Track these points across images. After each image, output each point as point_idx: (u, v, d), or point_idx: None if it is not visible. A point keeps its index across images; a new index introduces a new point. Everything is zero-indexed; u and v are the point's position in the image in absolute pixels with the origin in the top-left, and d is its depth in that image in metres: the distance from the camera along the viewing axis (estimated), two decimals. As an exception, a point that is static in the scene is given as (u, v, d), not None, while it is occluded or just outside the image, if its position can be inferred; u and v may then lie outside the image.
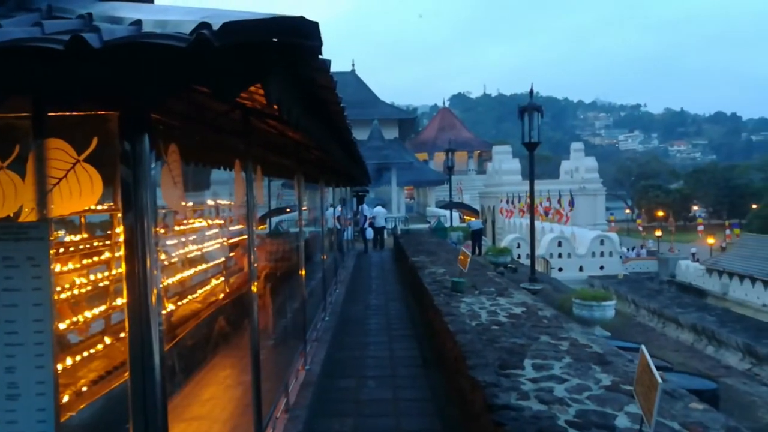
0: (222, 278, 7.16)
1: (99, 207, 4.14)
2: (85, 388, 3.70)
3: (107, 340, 4.40)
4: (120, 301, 4.54)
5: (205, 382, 5.21)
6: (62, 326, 3.92)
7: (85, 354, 4.05)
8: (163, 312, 5.03)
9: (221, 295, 6.80)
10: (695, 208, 71.36)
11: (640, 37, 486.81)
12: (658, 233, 50.03)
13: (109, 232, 4.98)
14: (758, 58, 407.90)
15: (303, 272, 6.26)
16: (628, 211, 76.64)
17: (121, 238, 1.87)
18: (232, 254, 7.62)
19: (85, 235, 4.69)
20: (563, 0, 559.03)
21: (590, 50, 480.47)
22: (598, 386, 3.65)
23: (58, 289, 3.95)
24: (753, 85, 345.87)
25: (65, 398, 3.41)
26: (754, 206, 56.90)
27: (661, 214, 65.54)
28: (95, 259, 4.74)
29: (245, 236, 3.80)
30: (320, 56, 1.61)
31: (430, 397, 5.52)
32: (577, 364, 4.10)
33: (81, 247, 4.52)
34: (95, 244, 4.76)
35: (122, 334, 1.97)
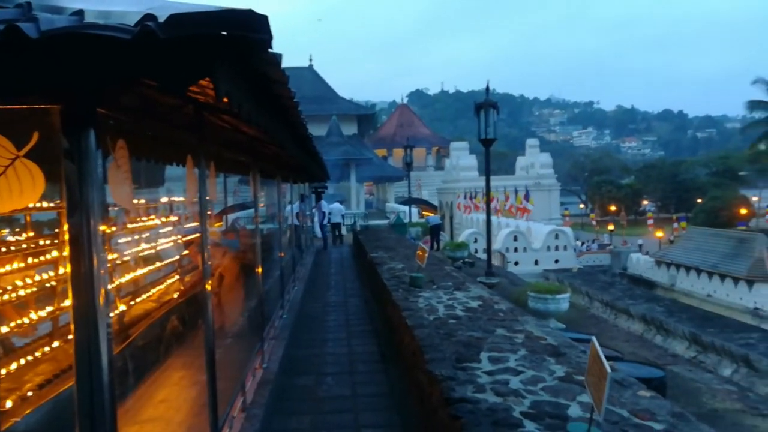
0: (176, 277, 7.01)
1: (45, 204, 4.00)
2: (30, 393, 3.57)
3: (55, 342, 4.26)
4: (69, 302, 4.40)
5: (160, 383, 5.10)
6: (4, 329, 3.76)
7: (31, 357, 3.91)
8: (115, 312, 4.90)
9: (175, 294, 6.66)
10: (645, 202, 73.68)
11: (592, 37, 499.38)
12: (611, 227, 51.52)
13: (57, 230, 4.81)
14: (702, 59, 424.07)
15: (260, 270, 6.18)
16: (582, 205, 78.63)
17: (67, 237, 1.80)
18: (186, 252, 7.47)
19: (31, 234, 4.51)
20: (512, 2, 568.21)
21: (545, 48, 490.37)
22: (552, 377, 3.73)
23: (0, 291, 3.79)
24: (697, 84, 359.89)
25: (8, 403, 3.28)
26: (699, 200, 59.13)
27: (613, 208, 67.41)
28: (42, 258, 4.57)
29: (199, 234, 3.73)
30: (270, 50, 1.59)
31: (388, 392, 5.54)
32: (532, 356, 4.18)
33: (26, 246, 4.35)
34: (42, 243, 4.59)
35: (70, 336, 1.91)
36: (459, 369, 3.87)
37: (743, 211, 54.37)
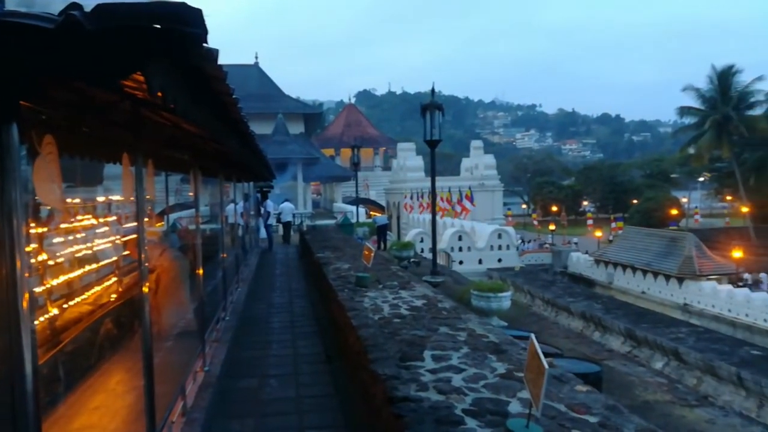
0: (113, 279, 6.76)
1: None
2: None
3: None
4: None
5: (94, 389, 4.90)
6: None
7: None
8: (45, 317, 4.68)
9: (112, 297, 6.42)
10: (585, 203, 76.19)
11: (536, 42, 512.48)
12: (552, 227, 53.05)
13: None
14: (638, 66, 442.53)
15: (201, 271, 6.04)
16: (524, 206, 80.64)
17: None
18: (124, 253, 7.22)
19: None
20: (463, 3, 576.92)
21: (490, 52, 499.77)
22: (494, 374, 3.79)
23: None
24: (633, 90, 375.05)
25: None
26: (634, 201, 61.65)
27: (554, 208, 69.47)
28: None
29: (136, 234, 3.60)
30: (206, 45, 1.54)
31: (333, 392, 5.51)
32: (474, 353, 4.24)
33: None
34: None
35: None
36: (402, 368, 3.89)
37: (674, 212, 57.13)
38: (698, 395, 10.49)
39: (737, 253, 30.68)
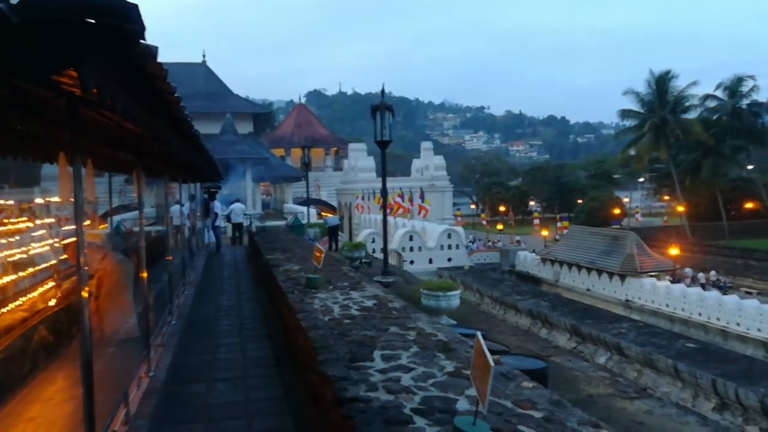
0: (51, 283, 6.49)
1: None
2: None
3: None
4: None
5: (30, 399, 4.69)
6: None
7: None
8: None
9: (50, 302, 6.16)
10: (532, 203, 78.11)
11: (484, 45, 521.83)
12: (500, 227, 54.11)
13: None
14: (582, 69, 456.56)
15: (145, 274, 5.86)
16: (473, 206, 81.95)
17: None
18: (63, 257, 6.94)
19: None
20: (413, 5, 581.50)
21: (440, 54, 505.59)
22: (442, 373, 3.83)
23: None
24: (578, 92, 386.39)
25: None
26: (579, 201, 63.60)
27: (502, 208, 70.93)
28: None
29: (75, 237, 3.47)
30: (143, 41, 1.49)
31: (282, 395, 5.46)
32: (423, 352, 4.27)
33: None
34: None
35: None
36: (352, 368, 3.88)
37: (617, 211, 59.27)
38: (638, 388, 10.91)
39: (674, 251, 32.07)
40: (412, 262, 26.68)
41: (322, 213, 39.21)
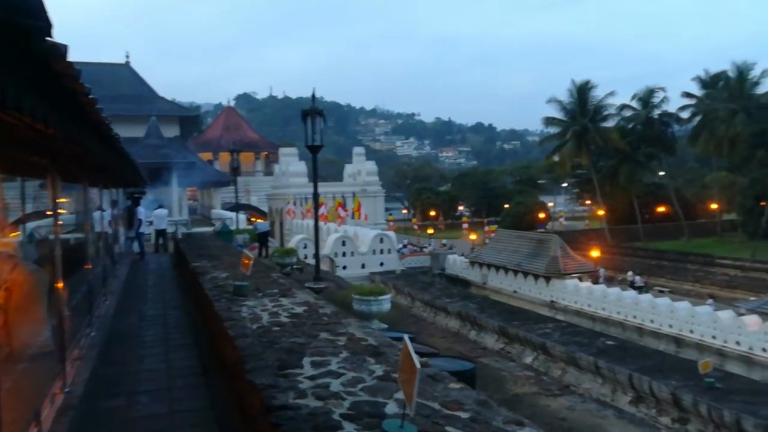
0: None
1: None
2: None
3: None
4: None
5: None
6: None
7: None
8: None
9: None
10: (461, 207, 79.87)
11: (414, 52, 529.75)
12: (431, 231, 54.92)
13: None
14: (508, 78, 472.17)
15: (62, 284, 5.56)
16: (405, 211, 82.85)
17: None
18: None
19: None
20: (342, 11, 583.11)
21: (371, 61, 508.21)
22: (372, 377, 3.84)
23: None
24: (504, 100, 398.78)
25: None
26: (506, 206, 65.62)
27: (433, 213, 72.16)
28: None
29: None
30: (50, 38, 1.42)
31: (209, 405, 5.32)
32: (353, 357, 4.28)
33: None
34: None
35: None
36: (281, 376, 3.83)
37: (542, 215, 61.61)
38: (561, 385, 11.36)
39: (595, 253, 33.63)
40: (344, 268, 26.67)
41: (252, 219, 38.53)
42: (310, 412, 3.22)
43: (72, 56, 1.68)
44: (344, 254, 27.48)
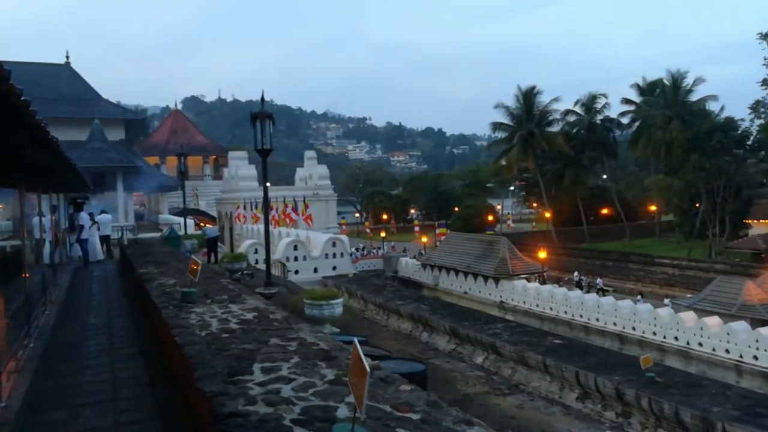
0: None
1: None
2: None
3: None
4: None
5: None
6: None
7: None
8: None
9: None
10: (413, 211, 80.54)
11: (365, 57, 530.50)
12: (383, 234, 55.10)
13: None
14: (458, 83, 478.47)
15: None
16: (357, 214, 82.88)
17: None
18: None
19: None
20: (292, 15, 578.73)
21: (322, 64, 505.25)
22: (323, 381, 3.84)
23: None
24: (454, 105, 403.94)
25: None
26: (456, 209, 66.53)
27: (385, 216, 72.46)
28: None
29: None
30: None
31: (157, 416, 5.18)
32: (304, 362, 4.26)
33: None
34: None
35: None
36: (230, 383, 3.78)
37: (490, 218, 62.76)
38: (511, 384, 11.60)
39: (542, 254, 34.49)
40: (296, 272, 26.46)
41: (201, 224, 37.72)
42: (261, 419, 3.20)
43: (3, 55, 1.61)
44: (296, 259, 27.25)
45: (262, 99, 13.17)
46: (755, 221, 46.94)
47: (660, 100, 54.39)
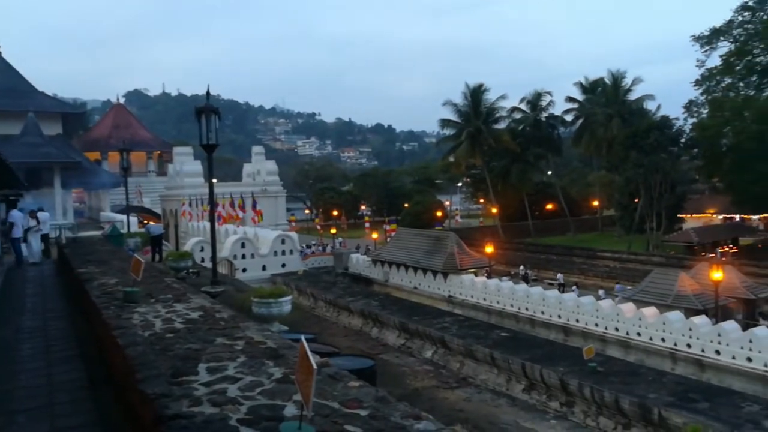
0: None
1: None
2: None
3: None
4: None
5: None
6: None
7: None
8: None
9: None
10: (363, 207, 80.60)
11: (314, 52, 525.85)
12: (333, 231, 54.91)
13: None
14: (407, 80, 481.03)
15: None
16: (307, 211, 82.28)
17: None
18: None
19: None
20: (238, 8, 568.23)
21: (269, 59, 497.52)
22: (271, 380, 3.80)
23: None
24: (404, 102, 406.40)
25: None
26: (406, 205, 66.99)
27: (335, 213, 72.22)
28: None
29: None
30: None
31: (97, 420, 5.01)
32: (251, 361, 4.20)
33: None
34: None
35: None
36: (174, 384, 3.69)
37: (439, 214, 63.55)
38: (459, 377, 11.79)
39: (489, 249, 35.13)
40: (244, 270, 26.06)
41: (145, 221, 36.62)
42: (206, 420, 3.14)
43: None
44: (244, 256, 26.83)
45: (208, 93, 12.89)
46: (688, 216, 49.32)
47: (601, 99, 56.27)
